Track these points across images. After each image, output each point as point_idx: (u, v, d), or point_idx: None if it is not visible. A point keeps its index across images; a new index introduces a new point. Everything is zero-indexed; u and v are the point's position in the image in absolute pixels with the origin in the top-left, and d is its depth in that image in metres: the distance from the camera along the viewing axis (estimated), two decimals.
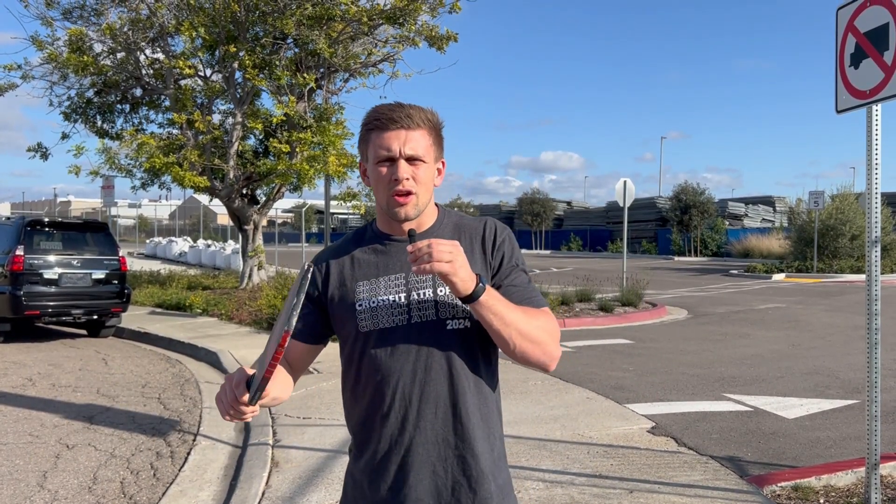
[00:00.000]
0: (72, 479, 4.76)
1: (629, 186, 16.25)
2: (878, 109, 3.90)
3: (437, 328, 1.62)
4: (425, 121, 1.64)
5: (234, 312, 12.38)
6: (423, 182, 1.63)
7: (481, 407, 1.66)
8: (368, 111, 1.67)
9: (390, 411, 1.62)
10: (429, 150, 1.64)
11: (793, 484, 4.41)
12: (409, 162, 1.61)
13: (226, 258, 25.15)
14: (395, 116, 1.61)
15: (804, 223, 27.22)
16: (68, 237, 10.88)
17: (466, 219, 1.77)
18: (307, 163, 13.44)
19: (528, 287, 1.68)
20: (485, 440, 1.65)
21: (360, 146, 1.71)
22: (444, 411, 1.62)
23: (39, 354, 9.58)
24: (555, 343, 1.61)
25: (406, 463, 1.62)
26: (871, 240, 3.95)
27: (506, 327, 1.53)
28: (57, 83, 14.87)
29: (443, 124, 1.71)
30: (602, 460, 4.91)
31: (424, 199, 1.66)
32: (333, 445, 5.27)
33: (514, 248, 1.72)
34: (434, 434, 1.62)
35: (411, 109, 1.63)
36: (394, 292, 1.64)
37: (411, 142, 1.61)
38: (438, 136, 1.68)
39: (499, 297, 1.54)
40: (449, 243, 1.47)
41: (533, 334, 1.56)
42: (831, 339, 10.79)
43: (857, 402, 6.56)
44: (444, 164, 1.73)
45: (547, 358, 1.61)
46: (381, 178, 1.63)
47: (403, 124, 1.61)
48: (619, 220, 18.36)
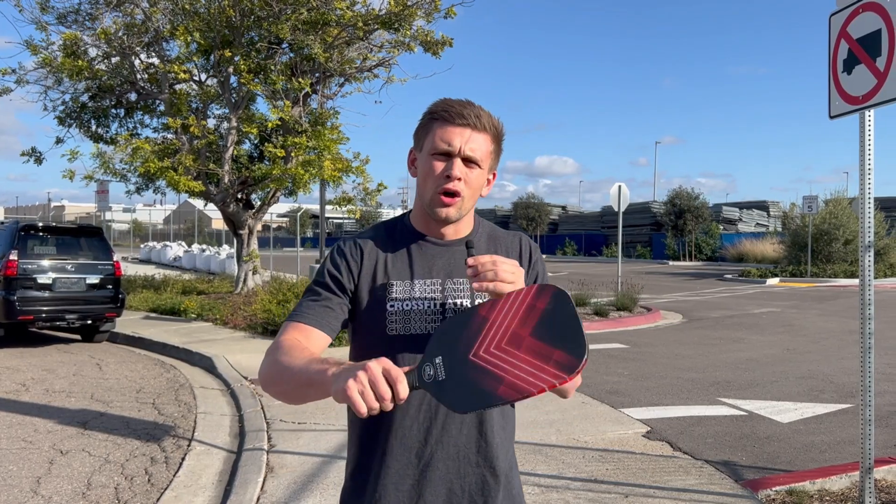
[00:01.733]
0: (66, 485, 4.74)
1: (624, 191, 16.28)
2: (871, 115, 3.92)
3: None
4: (492, 126, 1.58)
5: (229, 317, 12.36)
6: (472, 186, 1.57)
7: (505, 425, 1.63)
8: (437, 100, 1.60)
9: (413, 424, 1.55)
10: (487, 157, 1.58)
11: (787, 488, 4.42)
12: (465, 162, 1.54)
13: (220, 263, 25.10)
14: (464, 112, 1.54)
15: (798, 228, 27.31)
16: (62, 242, 10.85)
17: (499, 231, 1.72)
18: (302, 167, 13.43)
19: None
20: (504, 458, 1.62)
21: (418, 132, 1.62)
22: (469, 427, 1.56)
23: (33, 359, 9.54)
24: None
25: (424, 478, 1.55)
26: (864, 244, 3.97)
27: None
28: (51, 87, 14.84)
29: (504, 134, 1.64)
30: (597, 465, 4.92)
31: (468, 205, 1.59)
32: (329, 450, 5.26)
33: (545, 268, 1.71)
34: (456, 450, 1.56)
35: (482, 111, 1.57)
36: (429, 297, 1.57)
37: (473, 142, 1.54)
38: (499, 147, 1.63)
39: None
40: (511, 263, 1.42)
41: None
42: (825, 343, 10.82)
43: (852, 407, 6.59)
44: (494, 175, 1.67)
45: (570, 385, 1.53)
46: (432, 171, 1.55)
47: (471, 123, 1.54)
48: (614, 224, 18.41)
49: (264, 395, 7.10)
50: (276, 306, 11.71)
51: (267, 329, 11.21)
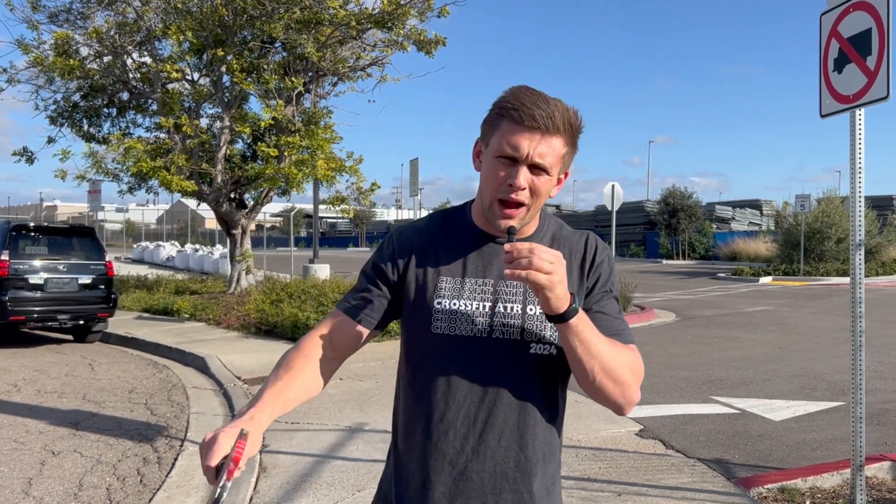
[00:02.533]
0: (57, 486, 4.72)
1: (617, 190, 16.31)
2: (862, 114, 3.94)
3: (518, 349, 1.46)
4: (567, 126, 1.43)
5: (222, 317, 12.33)
6: (539, 195, 1.44)
7: (550, 441, 1.52)
8: (510, 91, 1.45)
9: (450, 429, 1.47)
10: (558, 161, 1.44)
11: (779, 486, 4.44)
12: (531, 169, 1.42)
13: (214, 262, 25.03)
14: (536, 114, 1.39)
15: (791, 226, 27.41)
16: (54, 242, 10.81)
17: (566, 229, 1.60)
18: (295, 167, 13.41)
19: (618, 318, 1.51)
20: (543, 477, 1.51)
21: (485, 126, 1.49)
22: (508, 441, 1.47)
23: (25, 360, 9.50)
24: (636, 386, 1.43)
25: (456, 488, 1.47)
26: (855, 243, 3.98)
27: (590, 359, 1.36)
28: (43, 87, 14.77)
29: (583, 129, 1.48)
30: (590, 463, 4.93)
31: (533, 213, 1.48)
32: (322, 450, 5.25)
33: (612, 271, 1.56)
34: (493, 463, 1.46)
35: (555, 109, 1.41)
36: (479, 298, 1.48)
37: (543, 147, 1.40)
38: (574, 145, 1.48)
39: (590, 324, 1.38)
40: (552, 253, 1.30)
41: (617, 372, 1.39)
42: (818, 341, 10.86)
43: (843, 405, 6.61)
44: (567, 175, 1.53)
45: (624, 401, 1.42)
46: (495, 175, 1.43)
47: (542, 125, 1.39)
48: (608, 223, 18.44)
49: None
50: (269, 306, 11.69)
51: (260, 329, 11.18)
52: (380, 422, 6.02)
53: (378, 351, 9.43)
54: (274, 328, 10.95)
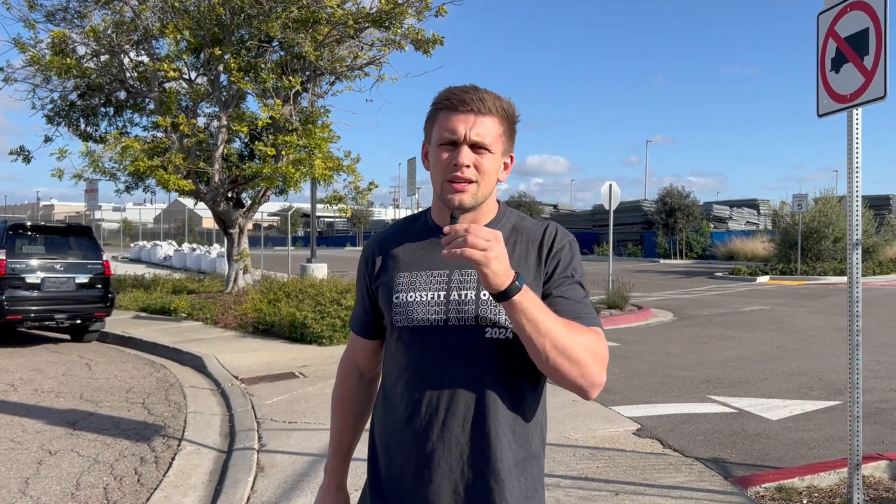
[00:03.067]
0: (54, 486, 4.72)
1: (615, 190, 16.32)
2: (859, 113, 3.94)
3: (474, 334, 1.50)
4: (499, 108, 1.51)
5: (220, 316, 12.31)
6: (485, 172, 1.51)
7: (516, 428, 1.52)
8: (442, 90, 1.55)
9: (415, 417, 1.52)
10: (497, 140, 1.52)
11: (776, 485, 4.45)
12: (473, 149, 1.49)
13: (211, 262, 25.01)
14: (466, 98, 1.49)
15: (788, 226, 27.45)
16: (51, 241, 10.79)
17: (528, 220, 1.64)
18: (293, 166, 13.39)
19: (581, 301, 1.52)
20: (514, 465, 1.51)
21: (426, 126, 1.59)
22: (471, 427, 1.49)
23: (22, 359, 9.48)
24: (598, 367, 1.43)
25: (425, 475, 1.51)
26: (853, 242, 3.99)
27: (540, 336, 1.36)
28: (40, 86, 14.74)
29: (519, 117, 1.58)
30: (588, 462, 4.93)
31: (485, 191, 1.53)
32: (319, 449, 5.25)
33: (574, 257, 1.57)
34: (459, 450, 1.50)
35: (485, 94, 1.51)
36: (434, 288, 1.53)
37: (479, 127, 1.49)
38: (511, 127, 1.56)
39: (537, 302, 1.38)
40: (489, 231, 1.34)
41: (571, 351, 1.38)
42: (815, 340, 10.88)
43: (840, 404, 6.62)
44: (512, 158, 1.60)
45: (585, 382, 1.41)
46: (441, 161, 1.51)
47: (474, 108, 1.49)
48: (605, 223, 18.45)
49: (254, 395, 7.08)
50: (266, 305, 11.68)
51: (258, 328, 11.18)
52: None
53: None
54: (271, 327, 10.94)
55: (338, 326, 10.16)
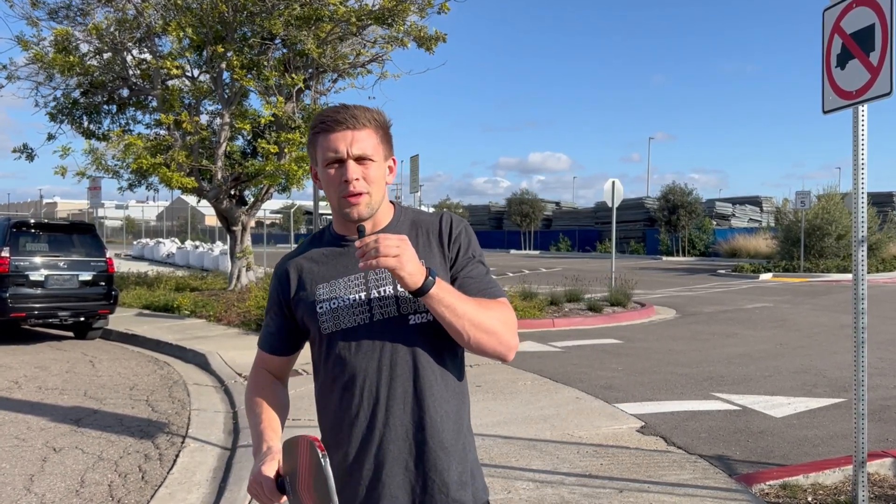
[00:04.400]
0: (59, 483, 4.72)
1: (617, 187, 16.31)
2: (865, 110, 3.93)
3: (399, 324, 1.62)
4: (371, 120, 1.63)
5: (223, 314, 12.32)
6: (374, 181, 1.62)
7: (450, 399, 1.65)
8: (316, 115, 1.68)
9: (359, 411, 1.62)
10: (377, 149, 1.63)
11: (781, 482, 4.44)
12: (357, 162, 1.60)
13: (214, 259, 25.03)
14: (339, 118, 1.60)
15: (791, 223, 27.40)
16: (54, 239, 10.80)
17: (424, 214, 1.77)
18: (295, 163, 13.39)
19: (484, 278, 1.68)
20: (454, 433, 1.65)
21: (309, 150, 1.70)
22: (412, 407, 1.61)
23: (26, 357, 9.50)
24: (510, 332, 1.60)
25: (378, 461, 1.61)
26: (858, 239, 3.98)
27: (458, 319, 1.52)
28: (43, 84, 14.75)
29: (390, 123, 1.70)
30: (592, 460, 4.93)
31: (377, 198, 1.64)
32: None
33: (472, 240, 1.72)
34: (404, 430, 1.61)
35: (356, 110, 1.62)
36: (354, 291, 1.64)
37: (358, 141, 1.60)
38: (386, 134, 1.68)
39: (450, 290, 1.54)
40: (396, 238, 1.46)
41: (486, 324, 1.55)
42: (818, 338, 10.86)
43: (844, 401, 6.61)
44: (395, 161, 1.73)
45: (503, 348, 1.59)
46: (331, 179, 1.62)
47: (349, 125, 1.60)
48: (608, 220, 18.43)
49: None
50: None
51: (261, 326, 11.16)
52: None
53: None
54: None
55: None
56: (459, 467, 1.64)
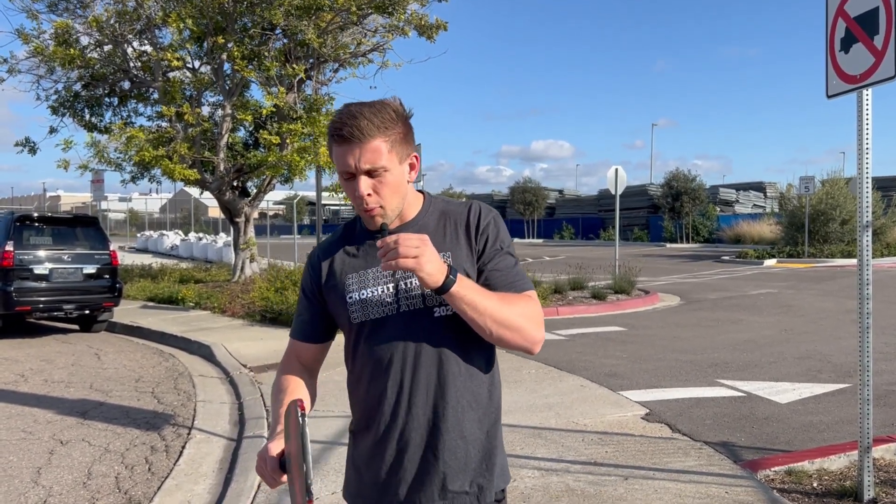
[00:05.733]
0: (66, 475, 4.75)
1: (621, 174, 16.25)
2: (869, 94, 3.90)
3: (424, 316, 1.63)
4: (378, 128, 1.57)
5: (227, 305, 12.35)
6: (388, 189, 1.60)
7: (473, 390, 1.66)
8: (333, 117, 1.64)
9: (385, 398, 1.65)
10: (389, 157, 1.59)
11: (786, 468, 4.44)
12: (369, 175, 1.58)
13: (217, 251, 25.06)
14: (345, 132, 1.56)
15: (795, 208, 27.33)
16: (58, 232, 10.82)
17: (452, 204, 1.74)
18: (298, 154, 13.38)
19: (511, 271, 1.66)
20: (475, 422, 1.66)
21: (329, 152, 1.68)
22: (433, 396, 1.63)
23: (31, 350, 9.54)
24: (535, 327, 1.59)
25: (401, 446, 1.64)
26: (863, 224, 3.96)
27: (480, 316, 1.53)
28: (44, 77, 14.72)
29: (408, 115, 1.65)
30: (597, 447, 4.93)
31: (394, 204, 1.63)
32: (328, 437, 5.27)
33: (500, 231, 1.69)
34: (426, 418, 1.63)
35: (363, 120, 1.55)
36: (382, 283, 1.66)
37: (366, 155, 1.56)
38: (402, 133, 1.62)
39: (472, 287, 1.53)
40: (416, 238, 1.46)
41: (509, 321, 1.55)
42: (823, 323, 10.85)
43: (850, 386, 6.60)
44: (416, 157, 1.68)
45: (527, 343, 1.59)
46: (348, 190, 1.63)
47: (356, 138, 1.55)
48: (611, 207, 18.39)
49: (263, 383, 7.11)
50: (273, 294, 11.70)
51: (265, 317, 11.20)
52: None
53: None
54: (279, 316, 10.97)
55: None
56: (479, 455, 1.66)
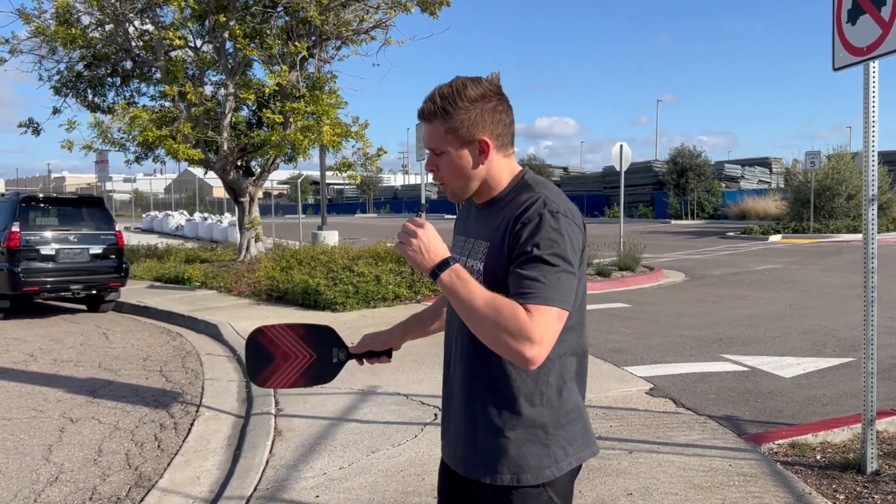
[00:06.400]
0: (77, 452, 4.81)
1: (626, 150, 16.17)
2: (876, 66, 3.87)
3: None
4: (438, 111, 1.66)
5: (233, 285, 12.40)
6: (447, 170, 1.71)
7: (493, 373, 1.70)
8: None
9: (448, 358, 1.85)
10: (444, 140, 1.67)
11: (790, 441, 4.47)
12: (433, 153, 1.72)
13: (223, 231, 25.11)
14: (419, 111, 1.71)
15: (800, 184, 27.18)
16: (64, 213, 10.85)
17: (526, 193, 1.68)
18: (301, 133, 13.35)
19: (531, 280, 1.54)
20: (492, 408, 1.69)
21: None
22: (463, 369, 1.76)
23: (40, 330, 9.61)
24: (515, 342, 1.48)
25: (450, 397, 1.83)
26: (868, 198, 3.95)
27: (461, 311, 1.56)
28: (45, 57, 14.69)
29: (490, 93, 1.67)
30: (601, 422, 4.97)
31: (455, 185, 1.73)
32: (335, 413, 5.32)
33: (540, 230, 1.57)
34: (467, 381, 1.75)
35: (428, 103, 1.68)
36: (459, 252, 1.81)
37: (427, 135, 1.71)
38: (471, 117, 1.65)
39: (462, 283, 1.54)
40: (414, 227, 1.58)
41: (482, 329, 1.52)
42: (828, 298, 10.85)
43: (854, 360, 6.62)
44: (483, 141, 1.67)
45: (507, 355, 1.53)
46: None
47: (425, 118, 1.69)
48: (616, 184, 18.33)
49: None
50: (279, 273, 11.74)
51: (271, 296, 11.25)
52: (391, 384, 6.08)
53: (388, 316, 9.49)
54: (285, 295, 11.01)
55: (350, 293, 10.21)
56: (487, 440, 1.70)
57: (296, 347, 1.98)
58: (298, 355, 1.99)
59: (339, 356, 1.98)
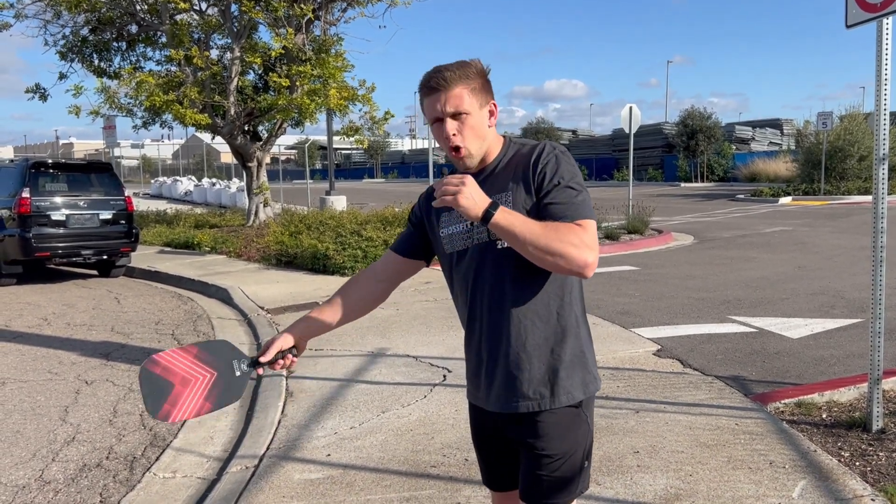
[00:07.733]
0: (93, 413, 4.90)
1: (635, 112, 16.01)
2: (889, 23, 3.81)
3: (490, 248, 1.85)
4: (460, 78, 1.80)
5: (242, 249, 12.46)
6: (470, 132, 1.83)
7: (536, 310, 1.86)
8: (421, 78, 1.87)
9: (473, 315, 1.93)
10: (470, 101, 1.82)
11: (796, 400, 4.51)
12: (454, 118, 1.81)
13: (231, 196, 25.14)
14: (432, 83, 1.80)
15: (812, 145, 26.90)
16: (73, 179, 10.89)
17: (526, 146, 1.91)
18: (308, 97, 13.28)
19: (569, 203, 1.77)
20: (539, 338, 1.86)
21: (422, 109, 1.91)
22: (502, 315, 1.86)
23: (53, 295, 9.72)
24: (579, 252, 1.69)
25: (479, 351, 1.93)
26: (879, 157, 3.92)
27: (522, 245, 1.68)
28: (50, 21, 14.61)
29: (486, 70, 1.87)
30: (609, 383, 5.01)
31: (476, 146, 1.85)
32: (345, 374, 5.39)
33: (560, 166, 1.81)
34: (499, 334, 1.87)
35: (447, 72, 1.80)
36: (462, 220, 1.89)
37: (450, 100, 1.80)
38: (478, 83, 1.84)
39: (514, 219, 1.68)
40: (458, 178, 1.68)
41: (550, 247, 1.67)
42: (837, 260, 10.82)
43: (862, 321, 6.63)
44: (495, 105, 1.90)
45: (572, 267, 1.70)
46: (437, 135, 1.87)
47: (441, 86, 1.79)
48: (625, 147, 18.16)
49: (280, 324, 7.23)
50: (288, 238, 11.79)
51: (281, 260, 11.31)
52: (401, 346, 6.14)
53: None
54: (294, 259, 11.07)
55: (359, 257, 10.25)
56: (542, 367, 1.87)
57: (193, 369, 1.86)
58: (198, 376, 1.87)
59: (242, 367, 1.92)
